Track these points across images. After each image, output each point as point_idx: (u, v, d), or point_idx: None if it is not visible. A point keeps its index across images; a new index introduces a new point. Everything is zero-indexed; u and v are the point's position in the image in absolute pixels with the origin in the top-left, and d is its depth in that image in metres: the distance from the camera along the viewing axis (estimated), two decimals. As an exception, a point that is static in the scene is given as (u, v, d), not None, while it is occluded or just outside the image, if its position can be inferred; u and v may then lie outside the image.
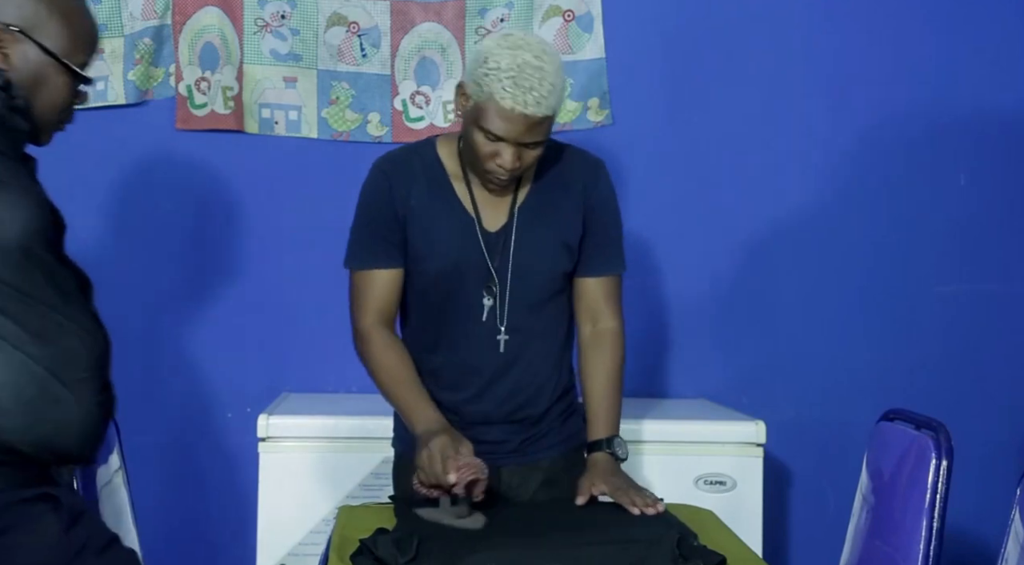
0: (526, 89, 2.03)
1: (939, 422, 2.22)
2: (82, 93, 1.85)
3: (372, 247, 2.22)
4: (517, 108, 2.03)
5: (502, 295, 2.21)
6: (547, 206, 2.24)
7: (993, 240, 3.38)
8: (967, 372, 3.38)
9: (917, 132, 3.36)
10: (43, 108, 1.79)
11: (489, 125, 2.07)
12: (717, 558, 1.84)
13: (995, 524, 3.12)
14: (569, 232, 2.25)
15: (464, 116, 2.15)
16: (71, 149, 3.22)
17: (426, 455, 2.04)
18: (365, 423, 2.88)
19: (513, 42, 2.07)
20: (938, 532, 2.15)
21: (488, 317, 2.22)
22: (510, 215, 2.23)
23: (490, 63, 2.05)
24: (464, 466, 2.00)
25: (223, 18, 3.20)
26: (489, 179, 2.16)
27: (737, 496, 2.93)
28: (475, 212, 2.22)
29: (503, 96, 2.03)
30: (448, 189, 2.23)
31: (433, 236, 2.21)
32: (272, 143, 3.26)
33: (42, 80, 1.77)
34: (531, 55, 2.05)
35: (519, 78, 2.03)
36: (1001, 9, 3.35)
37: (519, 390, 2.25)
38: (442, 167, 2.24)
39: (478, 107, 2.08)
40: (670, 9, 3.31)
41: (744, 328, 3.36)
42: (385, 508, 2.16)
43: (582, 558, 1.82)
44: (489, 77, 2.05)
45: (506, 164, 2.10)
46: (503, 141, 2.08)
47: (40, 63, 1.76)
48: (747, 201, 3.34)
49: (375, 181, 2.26)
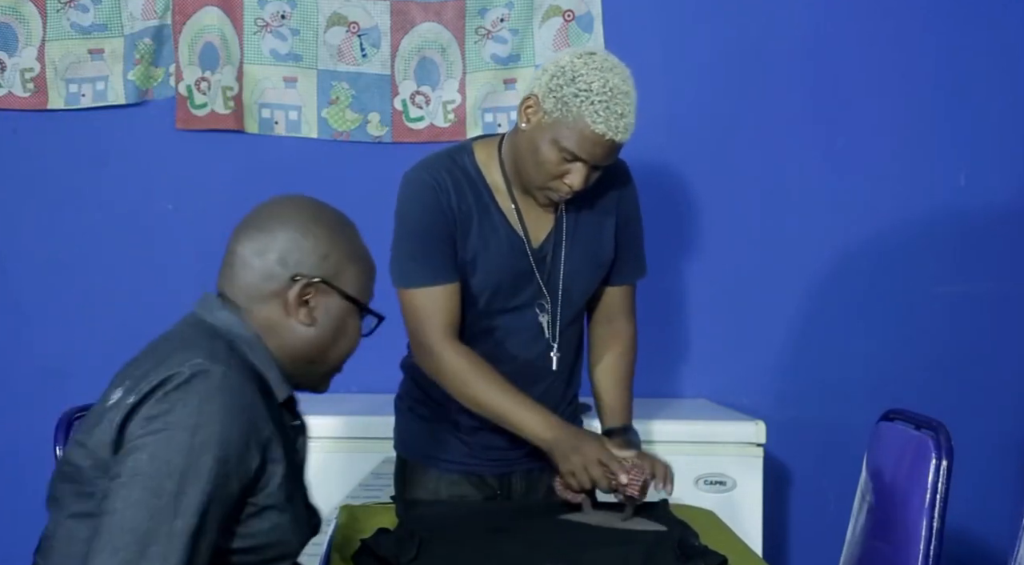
0: (618, 115, 1.99)
1: (939, 422, 2.22)
2: (371, 330, 1.73)
3: (431, 262, 2.13)
4: (608, 133, 1.99)
5: (553, 312, 2.20)
6: (587, 220, 2.22)
7: (993, 240, 3.38)
8: (967, 372, 3.38)
9: (917, 132, 3.36)
10: (341, 355, 1.70)
11: (571, 145, 2.01)
12: (718, 558, 1.84)
13: (995, 524, 3.13)
14: (608, 245, 2.25)
15: (532, 128, 2.06)
16: (71, 149, 3.25)
17: (578, 459, 2.01)
18: (365, 423, 2.88)
19: (600, 63, 2.02)
20: (938, 532, 2.15)
21: (545, 333, 2.20)
22: (553, 230, 2.19)
23: (579, 83, 2.00)
24: (633, 468, 1.99)
25: (223, 18, 3.20)
26: (548, 196, 2.11)
27: (737, 496, 2.93)
28: (523, 228, 2.17)
29: (595, 120, 1.99)
30: (492, 202, 2.17)
31: (482, 252, 2.15)
32: (272, 143, 3.26)
33: (342, 329, 1.67)
34: (619, 79, 2.01)
35: (611, 103, 1.99)
36: (1001, 9, 3.35)
37: (550, 402, 2.22)
38: (483, 178, 2.18)
39: (559, 125, 2.02)
40: (670, 9, 3.31)
41: (744, 328, 3.36)
42: (386, 508, 2.16)
43: (583, 559, 1.82)
44: (579, 98, 1.99)
45: (576, 185, 2.06)
46: (580, 162, 2.04)
47: (341, 311, 1.66)
48: (746, 200, 3.35)
49: (420, 194, 2.15)
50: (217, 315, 1.62)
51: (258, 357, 1.60)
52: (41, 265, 3.23)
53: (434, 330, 2.13)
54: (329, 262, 1.62)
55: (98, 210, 3.25)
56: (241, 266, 1.63)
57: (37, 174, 3.24)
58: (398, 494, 2.29)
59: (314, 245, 1.62)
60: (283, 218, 1.64)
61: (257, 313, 1.62)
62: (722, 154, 3.33)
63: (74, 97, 3.21)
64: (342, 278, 1.64)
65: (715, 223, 3.34)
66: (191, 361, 1.49)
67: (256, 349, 1.61)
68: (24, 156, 3.24)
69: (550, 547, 1.87)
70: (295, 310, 1.61)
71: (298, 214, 1.65)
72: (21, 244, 3.25)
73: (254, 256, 1.62)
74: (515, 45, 3.25)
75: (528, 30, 3.24)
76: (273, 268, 1.61)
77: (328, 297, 1.63)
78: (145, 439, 1.45)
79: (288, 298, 1.61)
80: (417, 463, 2.28)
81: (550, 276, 2.19)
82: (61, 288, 3.26)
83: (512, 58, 3.25)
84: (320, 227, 1.64)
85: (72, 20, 3.19)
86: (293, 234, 1.62)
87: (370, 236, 3.57)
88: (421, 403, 2.25)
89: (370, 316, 1.70)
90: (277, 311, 1.62)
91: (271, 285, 1.61)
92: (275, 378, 1.62)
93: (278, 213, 1.65)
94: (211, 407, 1.47)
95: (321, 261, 1.62)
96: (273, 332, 1.62)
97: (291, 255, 1.61)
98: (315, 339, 1.64)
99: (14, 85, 3.19)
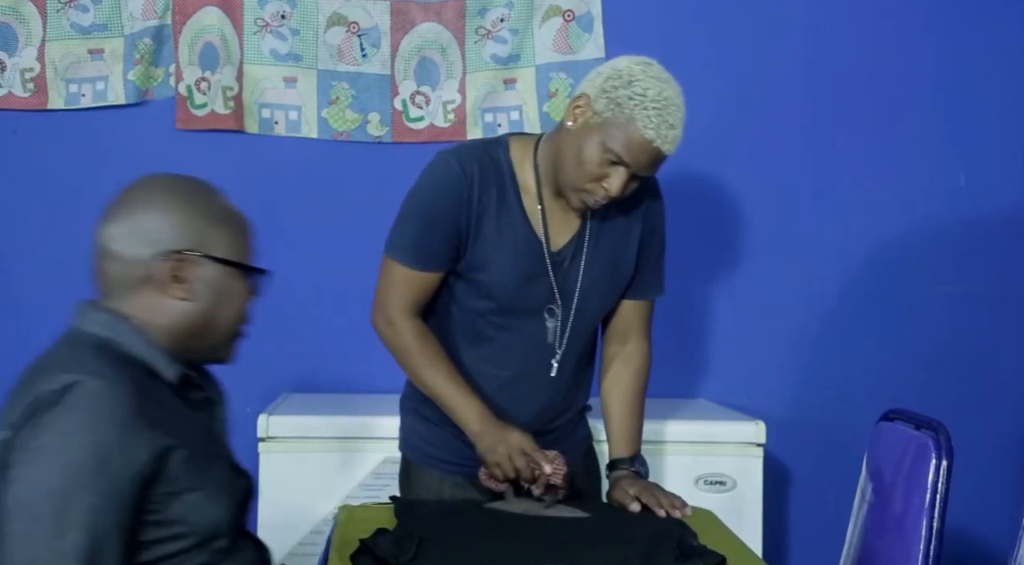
0: (669, 125, 1.98)
1: (939, 422, 2.22)
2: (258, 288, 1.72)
3: (430, 248, 2.14)
4: (656, 141, 1.98)
5: (564, 318, 2.19)
6: (611, 230, 2.21)
7: (993, 240, 3.38)
8: (967, 372, 3.38)
9: (917, 132, 3.36)
10: (230, 320, 1.67)
11: (617, 147, 2.00)
12: (717, 558, 1.84)
13: (995, 524, 3.13)
14: (630, 258, 2.23)
15: (579, 128, 2.05)
16: (71, 149, 3.25)
17: (503, 450, 2.05)
18: (365, 423, 2.88)
19: (657, 73, 2.02)
20: (938, 532, 2.15)
21: (549, 338, 2.19)
22: (576, 236, 2.18)
23: (635, 87, 1.99)
24: (555, 458, 2.05)
25: (223, 18, 3.20)
26: (583, 199, 2.08)
27: (737, 496, 2.93)
28: (544, 232, 2.15)
29: (647, 125, 1.97)
30: (516, 201, 2.15)
31: (497, 249, 2.14)
32: (272, 143, 3.26)
33: (224, 294, 1.65)
34: (674, 92, 2.01)
35: (664, 112, 1.98)
36: (1001, 9, 3.35)
37: (552, 408, 2.24)
38: (513, 174, 2.16)
39: (609, 125, 2.00)
40: (670, 9, 3.31)
41: (744, 328, 3.36)
42: (385, 508, 2.16)
43: (583, 558, 1.82)
44: (634, 101, 1.98)
45: (614, 190, 2.04)
46: (622, 166, 2.02)
47: (218, 277, 1.63)
48: (745, 201, 3.35)
49: (449, 177, 2.14)
50: (90, 319, 1.61)
51: (138, 347, 1.59)
52: (41, 265, 3.23)
53: (400, 304, 2.17)
54: (191, 231, 1.60)
55: (98, 210, 3.23)
56: (106, 260, 1.62)
57: (37, 174, 3.24)
58: (402, 494, 2.29)
59: (171, 219, 1.60)
60: (133, 202, 1.62)
61: (134, 302, 1.61)
62: (721, 154, 3.33)
63: (74, 97, 3.21)
64: (209, 244, 1.62)
65: (714, 224, 3.34)
66: (55, 379, 1.48)
67: (134, 339, 1.59)
68: (24, 156, 3.24)
69: (549, 547, 1.87)
70: (169, 287, 1.60)
71: (148, 193, 1.63)
72: (21, 244, 3.25)
73: (114, 246, 1.60)
74: (515, 45, 3.25)
75: (528, 30, 3.24)
76: (136, 253, 1.60)
77: (200, 266, 1.61)
78: (19, 470, 1.44)
79: (158, 278, 1.59)
80: (421, 464, 2.28)
81: (565, 282, 2.17)
82: (61, 288, 3.25)
83: (512, 58, 3.25)
84: (174, 200, 1.62)
85: (72, 20, 3.19)
86: (147, 214, 1.60)
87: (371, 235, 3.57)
88: (425, 404, 2.25)
89: (257, 274, 1.69)
90: (153, 294, 1.60)
91: (139, 270, 1.60)
92: (161, 362, 1.60)
93: (128, 198, 1.63)
94: (80, 419, 1.45)
95: (181, 232, 1.60)
96: (154, 315, 1.61)
97: (149, 235, 1.59)
98: (196, 311, 1.62)
99: (14, 85, 3.19)
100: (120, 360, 1.56)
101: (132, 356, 1.58)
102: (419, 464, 2.28)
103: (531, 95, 3.27)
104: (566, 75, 3.26)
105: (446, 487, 2.24)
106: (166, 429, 1.53)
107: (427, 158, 3.27)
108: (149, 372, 1.59)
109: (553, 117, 3.26)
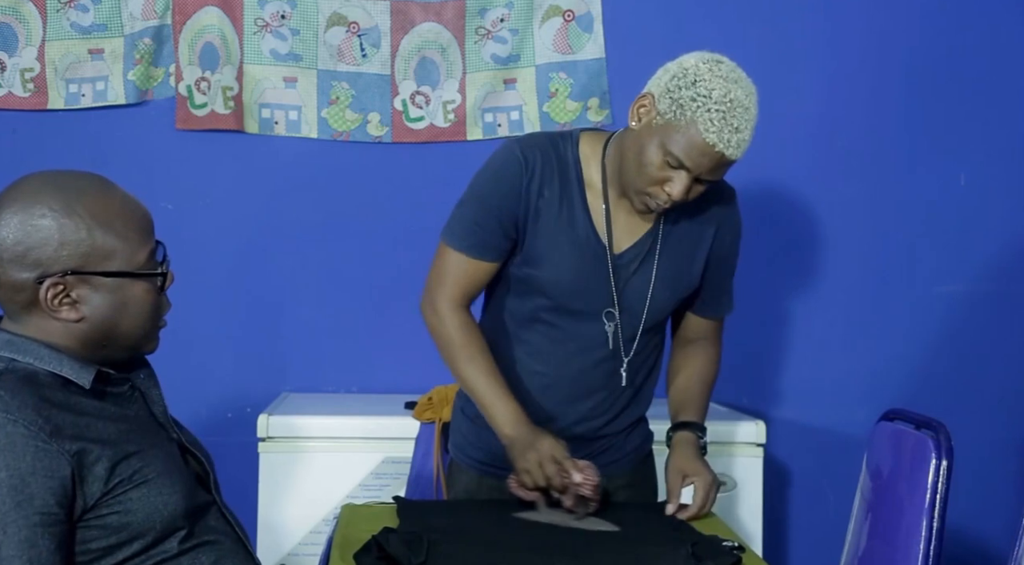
0: (733, 129, 1.90)
1: (939, 422, 2.21)
2: (165, 280, 1.60)
3: (482, 235, 2.07)
4: (719, 145, 1.90)
5: (624, 323, 2.12)
6: (681, 239, 2.13)
7: (993, 240, 3.38)
8: (967, 372, 3.38)
9: (916, 132, 3.36)
10: (135, 326, 1.56)
11: (677, 150, 1.92)
12: (731, 559, 1.83)
13: (995, 524, 3.13)
14: (695, 272, 2.15)
15: (642, 128, 1.98)
16: (71, 149, 3.25)
17: (533, 456, 1.97)
18: (365, 423, 2.88)
19: (726, 72, 1.93)
20: (938, 532, 2.15)
21: (610, 344, 2.12)
22: (642, 241, 2.10)
23: (699, 88, 1.90)
24: (587, 468, 1.97)
25: (223, 18, 3.20)
26: (645, 202, 2.00)
27: (737, 496, 2.93)
28: (608, 234, 2.08)
29: (708, 128, 1.89)
30: (581, 198, 2.08)
31: (556, 245, 2.07)
32: (272, 143, 3.26)
33: (124, 302, 1.54)
34: (743, 93, 1.92)
35: (729, 115, 1.89)
36: (1001, 9, 3.35)
37: (603, 415, 2.17)
38: (579, 171, 2.09)
39: (670, 127, 1.92)
40: (670, 9, 3.31)
41: (744, 328, 3.36)
42: (387, 508, 2.15)
43: (593, 559, 1.81)
44: (697, 103, 1.90)
45: (675, 195, 1.96)
46: (684, 170, 1.94)
47: (112, 288, 1.53)
48: (745, 200, 3.34)
49: (510, 165, 2.07)
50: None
51: (44, 360, 1.51)
52: (41, 265, 3.23)
53: (449, 293, 2.10)
54: (70, 249, 1.48)
55: None
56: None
57: (37, 174, 3.24)
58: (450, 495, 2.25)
59: (45, 237, 1.48)
60: (11, 217, 1.49)
61: (29, 323, 1.53)
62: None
63: (74, 97, 3.21)
64: (94, 259, 1.50)
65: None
66: None
67: (39, 353, 1.51)
68: (24, 156, 3.23)
69: (559, 548, 1.86)
70: (56, 311, 1.50)
71: (27, 205, 1.49)
72: (21, 244, 3.24)
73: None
74: (515, 45, 3.25)
75: (528, 30, 3.24)
76: (17, 278, 1.49)
77: (89, 284, 1.51)
78: None
79: (43, 303, 1.50)
80: (460, 463, 2.24)
81: (627, 287, 2.10)
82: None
83: (512, 58, 3.25)
84: (51, 212, 1.49)
85: (72, 20, 3.19)
86: (18, 234, 1.48)
87: (371, 235, 3.57)
88: (469, 401, 2.19)
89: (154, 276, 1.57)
90: (43, 316, 1.51)
91: (24, 295, 1.50)
92: (72, 369, 1.52)
93: (5, 212, 1.50)
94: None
95: (62, 250, 1.48)
96: (51, 335, 1.52)
97: (29, 257, 1.48)
98: (91, 329, 1.53)
99: (14, 85, 3.19)
100: (22, 380, 1.48)
101: (38, 371, 1.51)
102: (459, 463, 2.25)
103: (531, 95, 3.27)
104: (566, 75, 3.26)
105: (483, 489, 2.19)
106: (85, 437, 1.47)
107: (427, 158, 3.31)
108: (63, 381, 1.52)
109: (553, 117, 3.27)
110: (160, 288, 1.59)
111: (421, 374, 2.99)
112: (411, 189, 3.27)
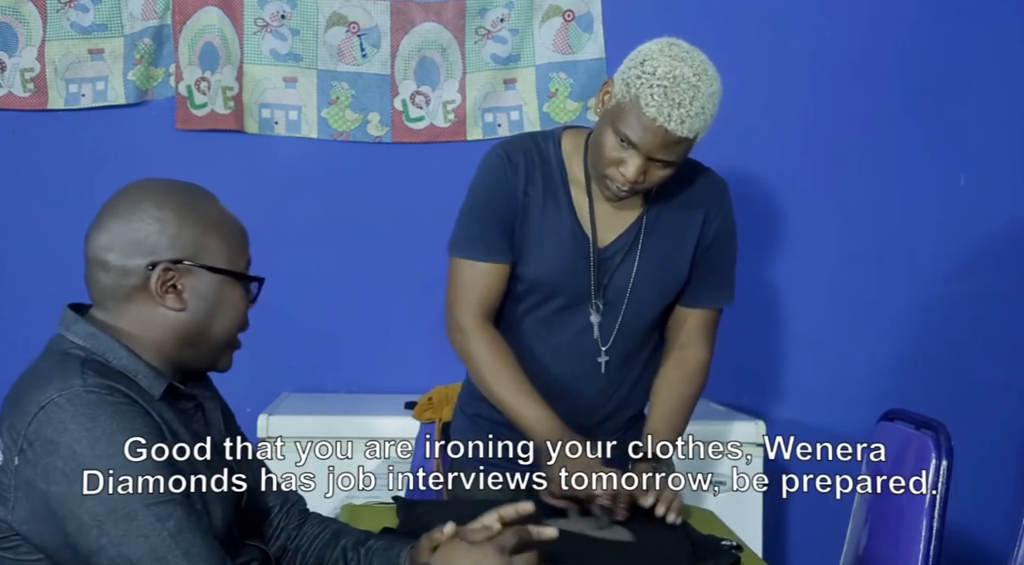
0: (674, 103, 1.91)
1: (939, 422, 2.22)
2: (260, 289, 1.67)
3: (486, 238, 2.09)
4: (659, 120, 1.91)
5: (609, 316, 2.13)
6: (666, 231, 2.14)
7: (993, 240, 3.38)
8: (967, 372, 3.38)
9: (917, 131, 3.36)
10: (226, 329, 1.63)
11: (625, 129, 1.94)
12: (730, 558, 1.83)
13: (995, 524, 3.13)
14: (682, 264, 2.15)
15: (602, 114, 2.01)
16: (71, 149, 3.25)
17: (559, 466, 1.95)
18: (365, 423, 2.88)
19: (676, 52, 1.96)
20: (938, 532, 2.15)
21: (597, 337, 2.13)
22: (626, 233, 2.12)
23: (646, 66, 1.94)
24: (608, 478, 1.94)
25: (223, 18, 3.20)
26: (607, 185, 2.03)
27: (737, 496, 2.92)
28: (592, 228, 2.10)
29: (649, 102, 1.91)
30: (564, 194, 2.11)
31: (540, 242, 2.10)
32: (272, 143, 3.26)
33: (219, 303, 1.60)
34: (690, 70, 1.93)
35: (671, 90, 1.91)
36: (1001, 8, 3.35)
37: (598, 409, 2.18)
38: (563, 168, 2.12)
39: (619, 107, 1.96)
40: (670, 9, 3.31)
41: (744, 328, 3.36)
42: (387, 508, 2.16)
43: (595, 559, 1.81)
44: (640, 80, 1.93)
45: (629, 175, 1.97)
46: (634, 149, 1.96)
47: (213, 286, 1.59)
48: (745, 199, 3.34)
49: (497, 167, 2.11)
50: (72, 331, 1.57)
51: (122, 361, 1.55)
52: (41, 265, 3.23)
53: (469, 308, 2.10)
54: (183, 240, 1.57)
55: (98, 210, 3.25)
56: (97, 269, 1.58)
57: (37, 174, 3.24)
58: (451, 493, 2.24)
59: (163, 227, 1.57)
60: (125, 209, 1.59)
61: (127, 312, 1.57)
62: (720, 153, 3.31)
63: (74, 97, 3.21)
64: (203, 253, 1.58)
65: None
66: (38, 400, 1.45)
67: (118, 354, 1.55)
68: (24, 156, 3.24)
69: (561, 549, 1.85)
70: (162, 297, 1.56)
71: (139, 200, 1.60)
72: (21, 244, 3.25)
73: (106, 255, 1.57)
74: (515, 45, 3.25)
75: (528, 30, 3.24)
76: (128, 262, 1.56)
77: (195, 276, 1.57)
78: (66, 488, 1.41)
79: (151, 288, 1.55)
80: (459, 463, 2.24)
81: (612, 280, 2.12)
82: (61, 288, 3.24)
83: (512, 58, 3.25)
84: (166, 207, 1.59)
85: (72, 20, 3.19)
86: (138, 222, 1.57)
87: (371, 235, 3.57)
88: (478, 399, 2.20)
89: (254, 282, 1.65)
90: (147, 304, 1.56)
91: (131, 280, 1.56)
92: (146, 376, 1.55)
93: (120, 205, 1.60)
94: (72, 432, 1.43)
95: (174, 241, 1.56)
96: (146, 327, 1.57)
97: (141, 244, 1.56)
98: (190, 321, 1.58)
99: (14, 85, 3.19)
100: (106, 372, 1.52)
101: (116, 369, 1.54)
102: (459, 463, 2.24)
103: (531, 95, 3.27)
104: (566, 75, 3.26)
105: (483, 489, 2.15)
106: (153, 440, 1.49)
107: (427, 158, 3.30)
108: (135, 385, 1.55)
109: (553, 117, 3.27)
110: (252, 299, 1.66)
111: (421, 374, 2.99)
112: (411, 189, 3.27)
